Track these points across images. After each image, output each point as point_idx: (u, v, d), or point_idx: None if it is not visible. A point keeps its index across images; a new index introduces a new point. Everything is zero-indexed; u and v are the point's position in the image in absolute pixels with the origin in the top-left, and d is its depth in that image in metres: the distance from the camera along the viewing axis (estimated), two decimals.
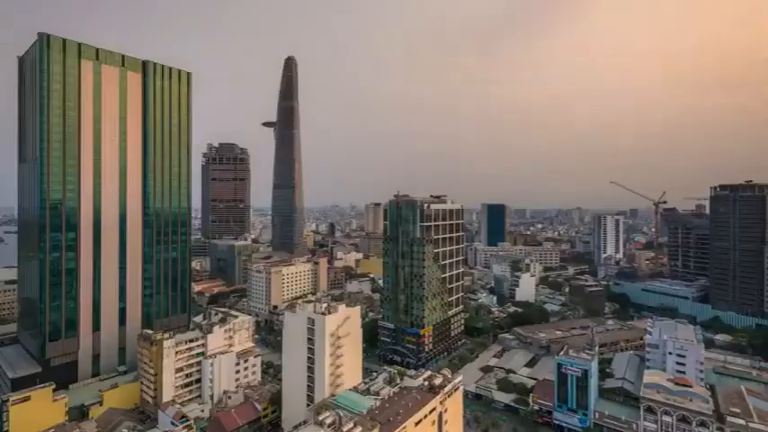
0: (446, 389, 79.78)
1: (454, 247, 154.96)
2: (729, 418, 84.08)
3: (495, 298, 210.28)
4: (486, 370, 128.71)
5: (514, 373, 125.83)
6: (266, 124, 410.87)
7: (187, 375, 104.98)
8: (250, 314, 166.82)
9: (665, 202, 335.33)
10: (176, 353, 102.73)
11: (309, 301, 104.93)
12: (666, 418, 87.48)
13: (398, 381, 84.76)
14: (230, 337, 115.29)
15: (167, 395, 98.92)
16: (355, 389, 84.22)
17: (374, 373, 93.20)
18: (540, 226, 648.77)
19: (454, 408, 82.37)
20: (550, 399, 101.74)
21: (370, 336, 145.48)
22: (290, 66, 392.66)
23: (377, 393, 79.56)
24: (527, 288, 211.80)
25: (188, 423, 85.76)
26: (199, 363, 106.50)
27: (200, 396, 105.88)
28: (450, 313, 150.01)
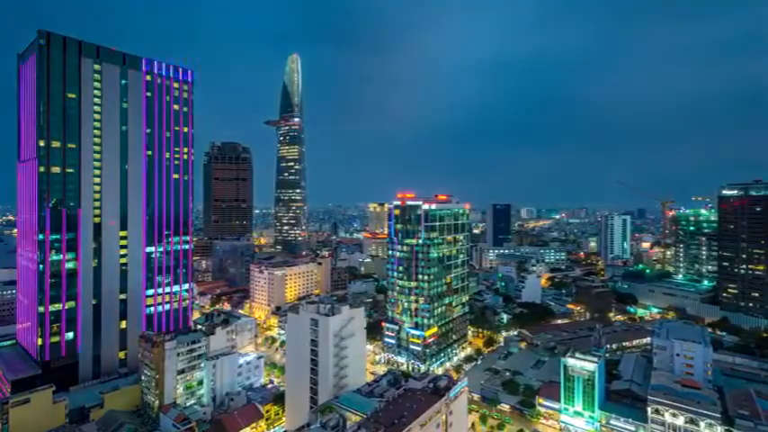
0: (451, 391, 78.54)
1: (459, 247, 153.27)
2: (738, 421, 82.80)
3: (500, 299, 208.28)
4: (492, 371, 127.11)
5: (520, 374, 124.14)
6: (269, 123, 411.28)
7: (189, 377, 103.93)
8: (252, 315, 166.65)
9: (672, 202, 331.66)
10: (178, 354, 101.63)
11: (313, 302, 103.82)
12: (674, 421, 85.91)
13: (403, 382, 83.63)
14: (233, 339, 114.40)
15: (169, 397, 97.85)
16: (359, 390, 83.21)
17: (378, 375, 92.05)
18: (546, 226, 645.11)
19: (459, 410, 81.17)
20: (557, 401, 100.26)
21: (374, 337, 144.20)
22: (293, 63, 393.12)
23: (381, 395, 78.59)
24: (533, 289, 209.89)
25: (190, 426, 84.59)
26: (201, 364, 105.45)
27: (202, 398, 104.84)
28: (455, 314, 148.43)
